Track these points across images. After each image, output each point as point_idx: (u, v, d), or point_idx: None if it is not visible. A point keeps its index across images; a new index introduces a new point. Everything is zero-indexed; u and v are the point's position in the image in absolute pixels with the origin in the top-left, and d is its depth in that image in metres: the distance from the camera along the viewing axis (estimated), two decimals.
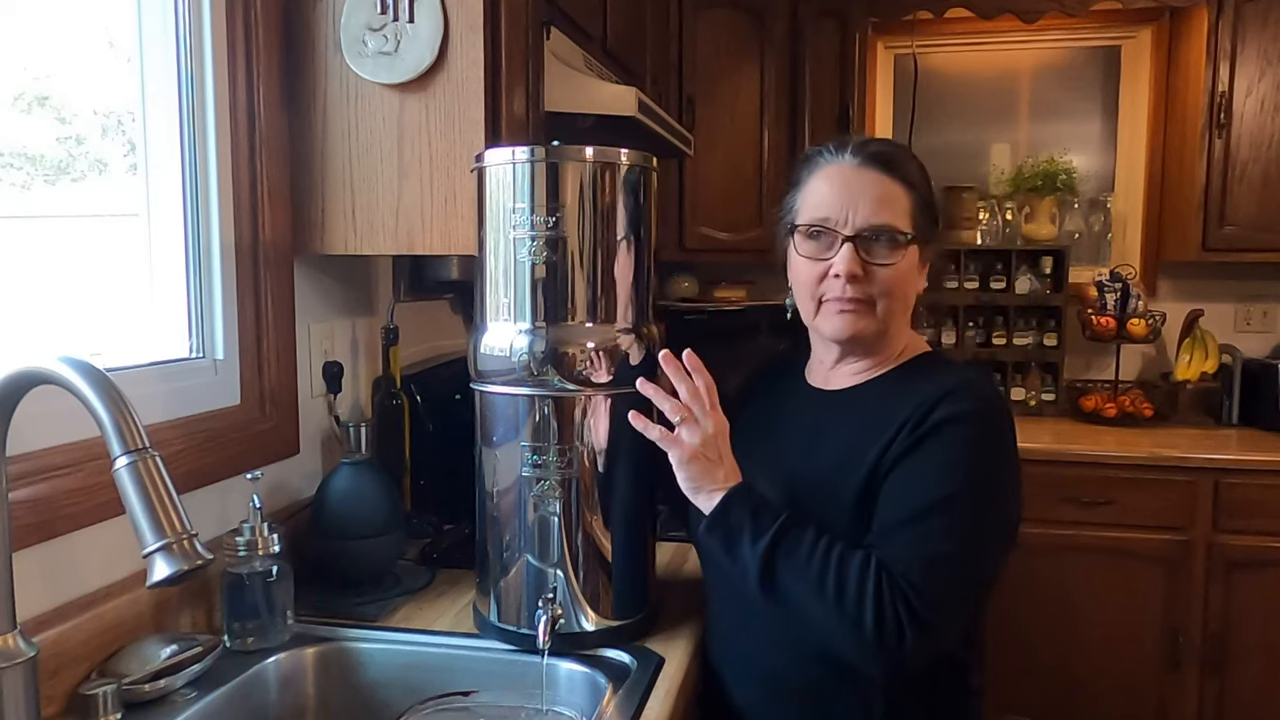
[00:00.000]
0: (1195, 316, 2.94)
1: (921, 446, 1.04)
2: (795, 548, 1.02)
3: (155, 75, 1.25)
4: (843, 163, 1.14)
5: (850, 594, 0.99)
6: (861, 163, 1.13)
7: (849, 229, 1.10)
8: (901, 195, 1.12)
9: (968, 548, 1.03)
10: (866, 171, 1.13)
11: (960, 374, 1.13)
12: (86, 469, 1.02)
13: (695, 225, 2.89)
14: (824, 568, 1.00)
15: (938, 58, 3.18)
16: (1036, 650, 2.54)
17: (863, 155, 1.13)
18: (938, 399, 1.06)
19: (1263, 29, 2.63)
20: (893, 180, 1.12)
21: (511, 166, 1.12)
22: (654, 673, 1.11)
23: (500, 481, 1.17)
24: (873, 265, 1.11)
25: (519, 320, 1.12)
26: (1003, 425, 1.10)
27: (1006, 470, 1.09)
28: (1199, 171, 2.70)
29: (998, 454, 1.08)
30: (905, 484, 1.04)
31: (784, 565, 1.02)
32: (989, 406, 1.09)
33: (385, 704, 1.18)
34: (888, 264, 1.11)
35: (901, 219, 1.12)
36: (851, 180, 1.13)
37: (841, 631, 1.00)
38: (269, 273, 1.34)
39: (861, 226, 1.10)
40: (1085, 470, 2.54)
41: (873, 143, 1.16)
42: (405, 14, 1.30)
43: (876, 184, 1.12)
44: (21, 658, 0.86)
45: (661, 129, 1.81)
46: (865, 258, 1.10)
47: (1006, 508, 1.09)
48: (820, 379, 1.23)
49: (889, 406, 1.09)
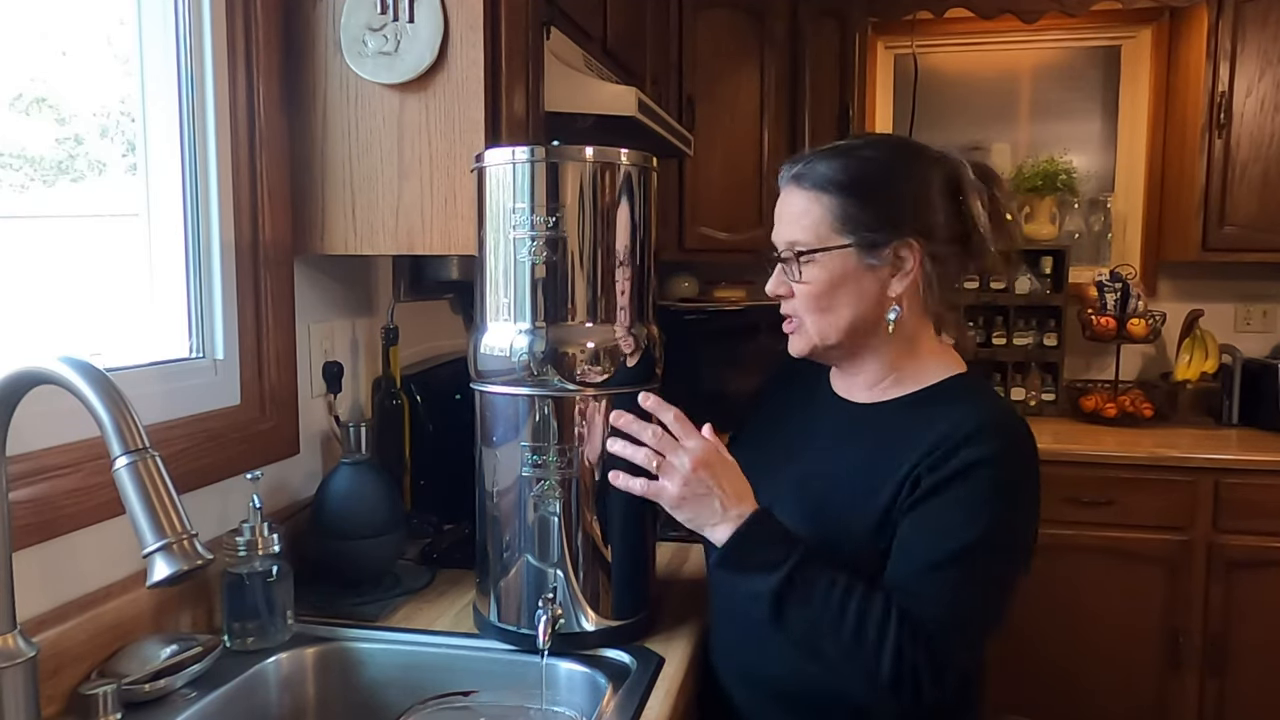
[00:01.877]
0: (1195, 316, 2.94)
1: (947, 490, 1.02)
2: (811, 586, 1.01)
3: (155, 75, 1.25)
4: (781, 185, 1.16)
5: (869, 641, 0.98)
6: (786, 182, 1.15)
7: (778, 250, 1.14)
8: (812, 206, 1.10)
9: (990, 595, 1.03)
10: (787, 191, 1.15)
11: (987, 408, 1.09)
12: (86, 469, 1.02)
13: (695, 225, 2.88)
14: (842, 610, 0.99)
15: (938, 58, 3.19)
16: (1036, 650, 2.54)
17: (789, 174, 1.14)
18: (963, 438, 1.02)
19: (1263, 29, 2.63)
20: (804, 192, 1.11)
21: (511, 166, 1.12)
22: (654, 673, 1.11)
23: (500, 481, 1.17)
24: (792, 283, 1.13)
25: (519, 320, 1.12)
26: (1027, 465, 1.07)
27: (1029, 508, 1.08)
28: (1199, 171, 2.70)
29: (1022, 495, 1.06)
30: (930, 529, 1.02)
31: (797, 602, 1.01)
32: (1014, 446, 1.06)
33: (385, 704, 1.18)
34: (796, 281, 1.12)
35: (805, 232, 1.10)
36: (781, 201, 1.16)
37: (854, 674, 1.01)
38: (269, 273, 1.34)
39: (780, 246, 1.13)
40: (1085, 470, 2.54)
41: (801, 158, 1.13)
42: (405, 14, 1.30)
43: (788, 202, 1.14)
44: (21, 658, 0.86)
45: (661, 129, 1.81)
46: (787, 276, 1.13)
47: (1027, 543, 1.08)
48: (843, 388, 1.21)
49: (913, 433, 1.06)
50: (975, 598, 1.02)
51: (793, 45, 2.87)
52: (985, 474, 1.02)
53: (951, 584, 1.00)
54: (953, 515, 1.01)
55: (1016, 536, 1.05)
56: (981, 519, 1.01)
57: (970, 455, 1.02)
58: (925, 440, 1.04)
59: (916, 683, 0.97)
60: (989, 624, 1.05)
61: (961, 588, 1.00)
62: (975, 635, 1.04)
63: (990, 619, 1.05)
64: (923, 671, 0.97)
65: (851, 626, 0.99)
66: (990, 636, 1.07)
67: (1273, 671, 2.46)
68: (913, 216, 1.08)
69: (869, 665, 0.98)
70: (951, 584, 1.00)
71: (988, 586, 1.03)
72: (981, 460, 1.02)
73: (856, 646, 0.98)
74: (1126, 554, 2.52)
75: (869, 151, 1.12)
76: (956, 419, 1.05)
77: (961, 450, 1.02)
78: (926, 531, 1.02)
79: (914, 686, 0.97)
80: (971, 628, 1.02)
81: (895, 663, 0.97)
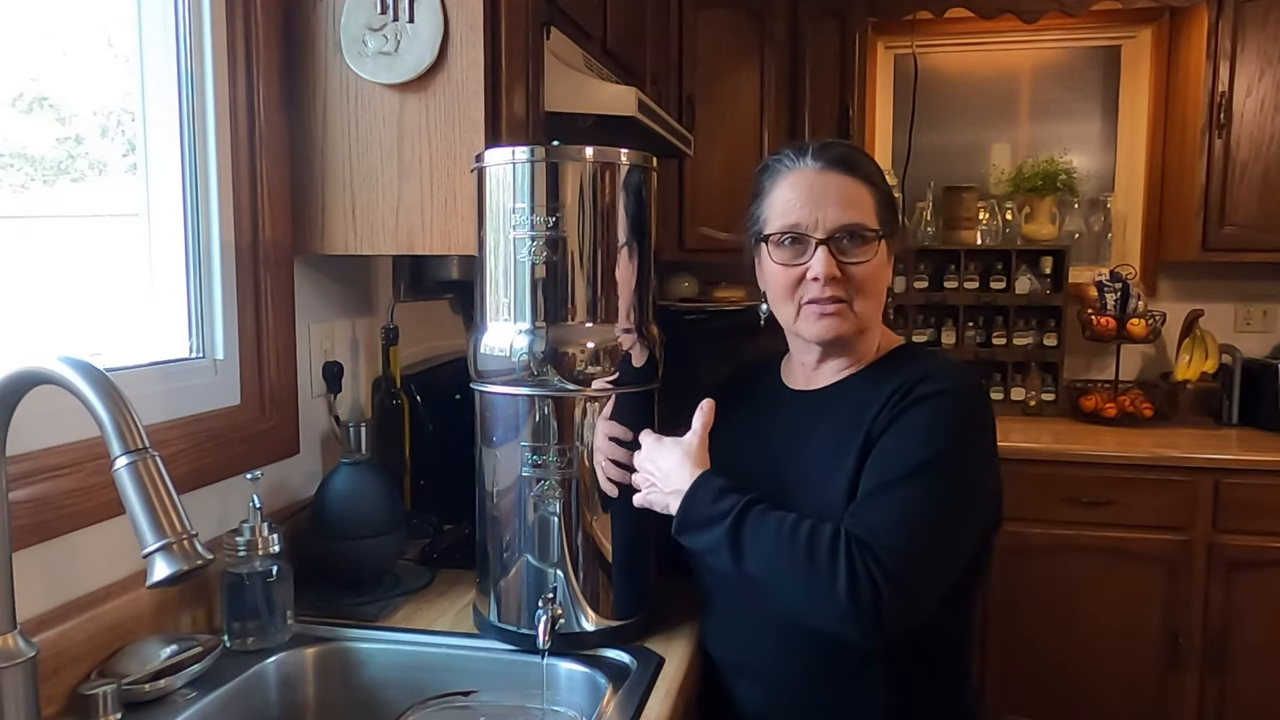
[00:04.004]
0: (1195, 316, 2.94)
1: (898, 422, 1.07)
2: (760, 524, 1.04)
3: (155, 75, 1.25)
4: (805, 168, 1.16)
5: (822, 560, 0.99)
6: (824, 166, 1.15)
7: (820, 232, 1.12)
8: (865, 194, 1.15)
9: (941, 511, 1.03)
10: (829, 174, 1.15)
11: (940, 360, 1.18)
12: (86, 469, 1.02)
13: (695, 225, 2.88)
14: (793, 539, 1.01)
15: (938, 58, 3.18)
16: (1037, 650, 2.54)
17: (824, 159, 1.15)
18: (918, 379, 1.09)
19: (1263, 29, 2.63)
20: (855, 180, 1.15)
21: (511, 166, 1.12)
22: (654, 673, 1.11)
23: (500, 481, 1.17)
24: (848, 265, 1.13)
25: (519, 320, 1.12)
26: (980, 403, 1.14)
27: (982, 443, 1.11)
28: (1199, 171, 2.70)
29: (974, 427, 1.10)
30: (880, 459, 1.06)
31: (751, 540, 1.03)
32: (967, 387, 1.12)
33: (385, 704, 1.18)
34: (861, 261, 1.13)
35: (869, 216, 1.14)
36: (816, 184, 1.14)
37: (815, 599, 1.00)
38: (269, 273, 1.34)
39: (833, 228, 1.12)
40: (1085, 470, 2.54)
41: (831, 145, 1.17)
42: (405, 14, 1.30)
43: (841, 186, 1.14)
44: (21, 658, 0.86)
45: (661, 129, 1.81)
46: (839, 258, 1.12)
47: (983, 480, 1.11)
48: (801, 380, 1.24)
49: (870, 395, 1.12)
50: (924, 515, 1.02)
51: (793, 45, 2.87)
52: (936, 404, 1.07)
53: (899, 501, 1.02)
54: (903, 442, 1.06)
55: (971, 470, 1.08)
56: (931, 444, 1.05)
57: (923, 390, 1.08)
58: (882, 394, 1.10)
59: (875, 589, 0.97)
60: (945, 542, 1.04)
61: (910, 504, 1.02)
62: (927, 551, 1.01)
63: (945, 536, 1.04)
64: (877, 575, 0.97)
65: (803, 553, 1.00)
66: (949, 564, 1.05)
67: (1273, 671, 2.46)
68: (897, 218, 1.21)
69: (825, 581, 0.98)
70: (899, 501, 1.02)
71: (938, 508, 1.03)
72: (934, 394, 1.08)
73: (811, 568, 0.99)
74: (1126, 554, 2.52)
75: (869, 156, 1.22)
76: (911, 370, 1.12)
77: (916, 389, 1.08)
78: (877, 462, 1.06)
79: (872, 593, 0.97)
80: (919, 541, 1.00)
81: (849, 571, 0.97)
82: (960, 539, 1.07)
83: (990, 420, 1.14)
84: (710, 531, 1.06)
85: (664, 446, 1.14)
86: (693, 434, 1.14)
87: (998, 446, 1.14)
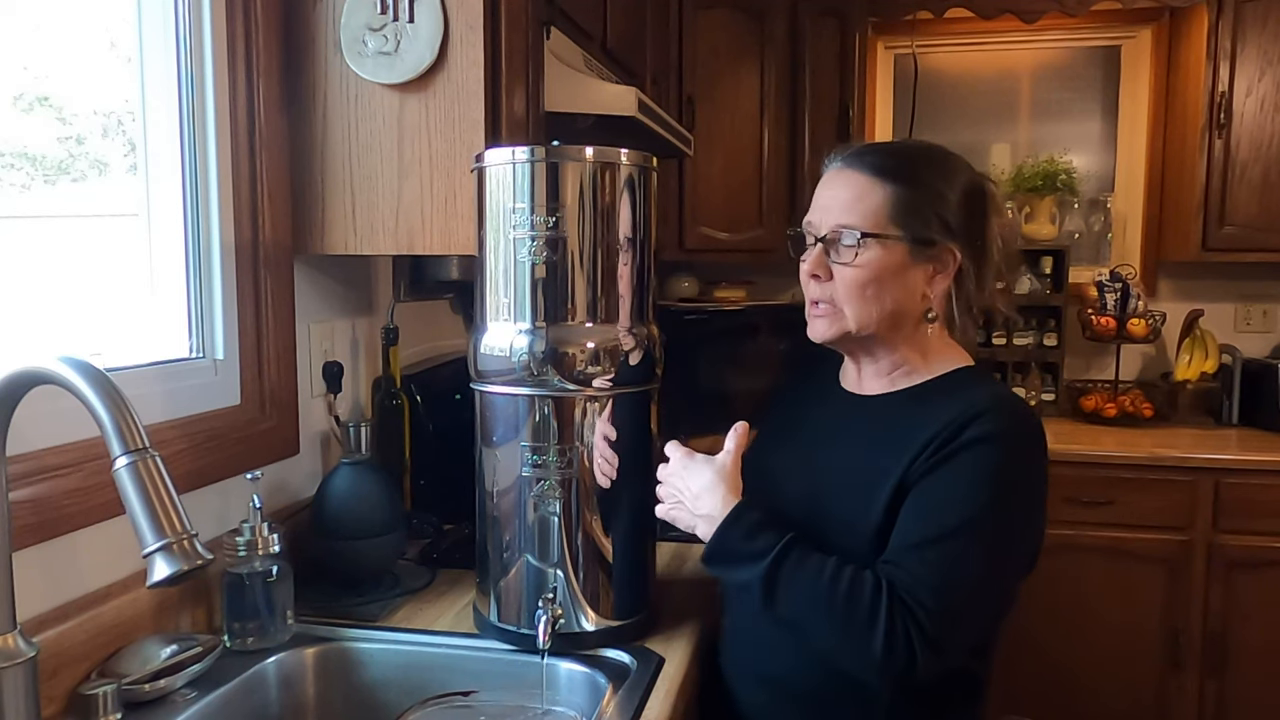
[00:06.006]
0: (1195, 316, 2.94)
1: (946, 465, 1.03)
2: (799, 569, 1.02)
3: (155, 75, 1.25)
4: (833, 168, 1.15)
5: (861, 613, 0.98)
6: (843, 164, 1.13)
7: (819, 230, 1.12)
8: (874, 192, 1.09)
9: (984, 574, 1.02)
10: (845, 172, 1.13)
11: (995, 392, 1.11)
12: (86, 469, 1.02)
13: (695, 225, 2.88)
14: (833, 587, 1.00)
15: (938, 58, 3.18)
16: (1037, 650, 2.54)
17: (847, 156, 1.14)
18: (969, 418, 1.03)
19: (1263, 29, 2.63)
20: (869, 177, 1.10)
21: (511, 166, 1.12)
22: (654, 673, 1.11)
23: (500, 481, 1.17)
24: (835, 265, 1.11)
25: (519, 320, 1.12)
26: (1033, 449, 1.08)
27: (1031, 495, 1.08)
28: (1199, 171, 2.70)
29: (1024, 479, 1.07)
30: (925, 504, 1.03)
31: (786, 584, 1.02)
32: (1020, 429, 1.07)
33: (385, 704, 1.18)
34: (842, 264, 1.10)
35: (865, 218, 1.09)
36: (830, 183, 1.14)
37: (850, 648, 1.01)
38: (269, 273, 1.34)
39: (826, 228, 1.11)
40: (1085, 470, 2.53)
41: (871, 146, 1.15)
42: (405, 14, 1.30)
43: (849, 184, 1.11)
44: (21, 658, 0.86)
45: (661, 129, 1.81)
46: (831, 259, 1.11)
47: (1028, 533, 1.08)
48: (852, 382, 1.21)
49: (915, 421, 1.07)
50: (970, 574, 1.00)
51: (793, 45, 2.87)
52: (987, 452, 1.02)
53: (944, 558, 1.00)
54: (949, 490, 1.02)
55: (1014, 524, 1.05)
56: (979, 496, 1.01)
57: (975, 432, 1.03)
58: (934, 423, 1.05)
59: (910, 654, 0.97)
60: (982, 606, 1.05)
61: (954, 563, 1.00)
62: (966, 614, 1.02)
63: (983, 602, 1.04)
64: (915, 639, 0.97)
65: (842, 604, 0.99)
66: (984, 621, 1.07)
67: (1273, 671, 2.46)
68: (959, 222, 1.10)
69: (861, 641, 0.98)
70: (944, 558, 1.00)
71: (982, 566, 1.02)
72: (985, 437, 1.02)
73: (848, 623, 0.99)
74: (1126, 554, 2.52)
75: (926, 152, 1.15)
76: (966, 400, 1.07)
77: (968, 428, 1.03)
78: (922, 508, 1.03)
79: (907, 655, 0.97)
80: (960, 604, 1.00)
81: (887, 636, 0.97)
82: (998, 596, 1.07)
83: (1041, 466, 1.09)
84: (744, 569, 1.05)
85: (695, 464, 1.11)
86: (726, 454, 1.12)
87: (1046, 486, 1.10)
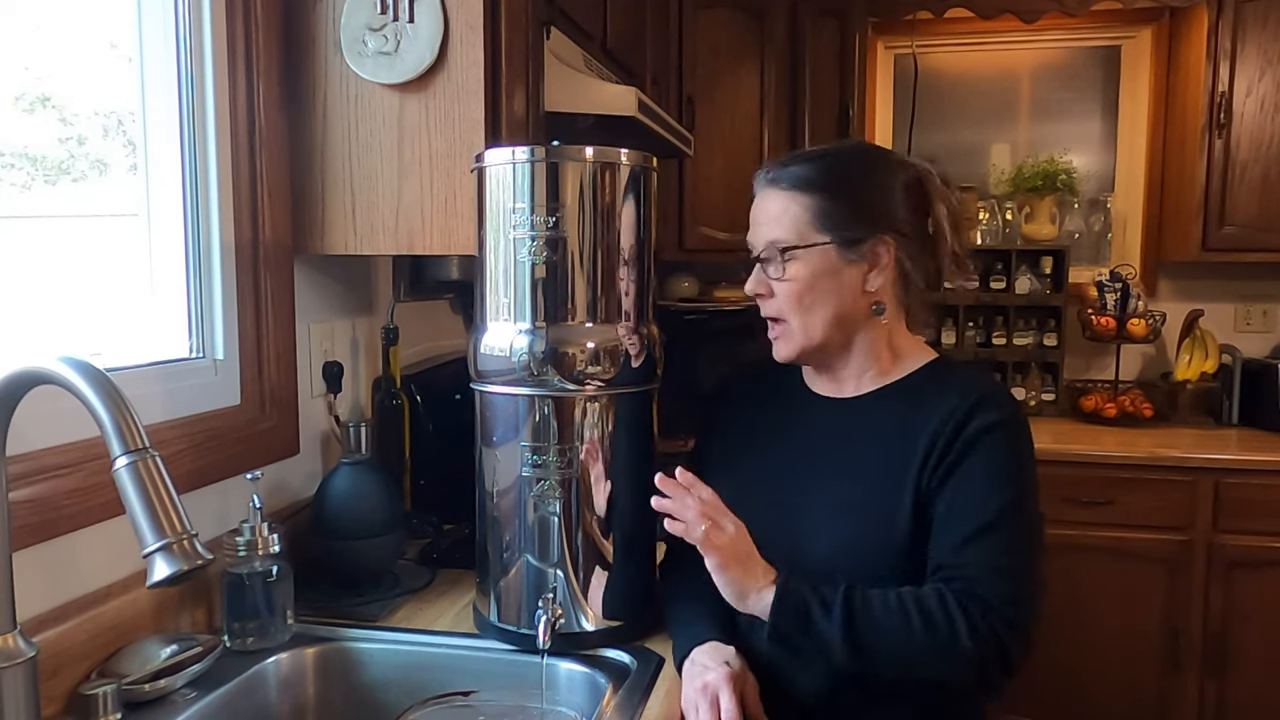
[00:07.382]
0: (1195, 316, 2.94)
1: (969, 459, 1.07)
2: (868, 606, 1.03)
3: (155, 75, 1.25)
4: (759, 186, 1.18)
5: (940, 623, 1.00)
6: (761, 185, 1.17)
7: (756, 249, 1.17)
8: (790, 205, 1.13)
9: (1031, 548, 1.07)
10: (763, 194, 1.17)
11: (980, 382, 1.15)
12: (86, 469, 1.02)
13: (695, 225, 2.88)
14: (903, 612, 1.02)
15: (938, 58, 3.18)
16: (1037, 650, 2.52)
17: (770, 174, 1.17)
18: (969, 410, 1.08)
19: (1263, 29, 2.63)
20: (782, 192, 1.14)
21: (511, 166, 1.12)
22: (654, 673, 1.11)
23: (500, 481, 1.17)
24: (772, 282, 1.15)
25: (519, 320, 1.12)
26: (1026, 426, 1.15)
27: (1033, 469, 1.13)
28: (1199, 171, 2.70)
29: (1030, 456, 1.12)
30: (961, 500, 1.06)
31: (865, 626, 1.02)
32: (1015, 410, 1.13)
33: (385, 704, 1.18)
34: (777, 279, 1.15)
35: (789, 230, 1.13)
36: (758, 201, 1.18)
37: (944, 661, 1.02)
38: (269, 273, 1.34)
39: (761, 245, 1.16)
40: (1085, 470, 2.54)
41: (794, 156, 1.18)
42: (405, 14, 1.30)
43: (773, 200, 1.16)
44: (21, 658, 0.86)
45: (661, 129, 1.81)
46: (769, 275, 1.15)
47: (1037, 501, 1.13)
48: (826, 386, 1.22)
49: (913, 418, 1.11)
50: (1019, 557, 1.05)
51: (793, 45, 2.87)
52: (1001, 438, 1.08)
53: (994, 550, 1.04)
54: (979, 482, 1.07)
55: (1036, 499, 1.11)
56: (1006, 483, 1.07)
57: (984, 421, 1.08)
58: (933, 419, 1.09)
59: (1002, 651, 1.01)
60: (1038, 579, 1.08)
61: (1005, 552, 1.04)
62: (1030, 590, 1.06)
63: (1038, 574, 1.08)
64: (998, 627, 1.00)
65: (919, 620, 1.01)
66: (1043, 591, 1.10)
67: (1273, 671, 2.46)
68: (885, 215, 1.14)
69: (952, 654, 1.00)
70: (994, 550, 1.04)
71: (1028, 541, 1.07)
72: (996, 424, 1.08)
73: (933, 642, 1.00)
74: (1126, 554, 2.52)
75: (840, 154, 1.19)
76: (960, 392, 1.11)
77: (975, 417, 1.08)
78: (959, 506, 1.06)
79: (1000, 655, 1.01)
80: (1023, 583, 1.05)
81: (970, 627, 1.00)
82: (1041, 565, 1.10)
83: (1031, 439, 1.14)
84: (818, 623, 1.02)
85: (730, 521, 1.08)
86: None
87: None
